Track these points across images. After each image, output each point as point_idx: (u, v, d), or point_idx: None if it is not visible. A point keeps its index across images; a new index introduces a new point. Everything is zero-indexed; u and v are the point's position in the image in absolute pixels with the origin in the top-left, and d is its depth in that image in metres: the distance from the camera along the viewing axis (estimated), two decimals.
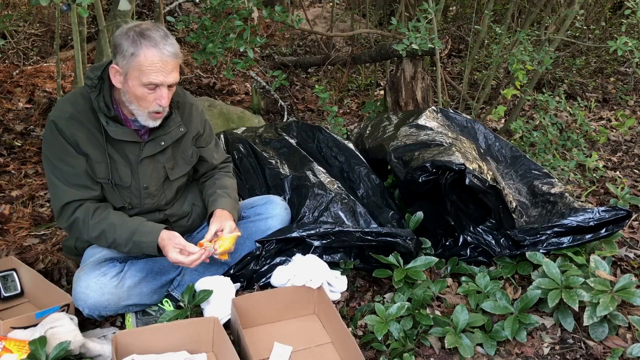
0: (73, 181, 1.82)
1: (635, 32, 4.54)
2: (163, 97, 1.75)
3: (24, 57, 4.52)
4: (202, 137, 2.07)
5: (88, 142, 1.81)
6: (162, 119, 1.84)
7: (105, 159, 1.83)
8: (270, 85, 3.89)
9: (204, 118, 2.08)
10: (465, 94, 4.06)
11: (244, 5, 2.72)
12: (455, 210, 2.32)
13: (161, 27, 1.73)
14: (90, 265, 1.90)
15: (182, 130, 1.95)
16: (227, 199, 2.02)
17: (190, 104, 2.02)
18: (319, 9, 6.56)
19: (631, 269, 2.34)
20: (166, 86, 1.74)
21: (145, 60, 1.67)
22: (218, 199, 2.01)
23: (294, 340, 1.90)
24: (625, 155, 3.75)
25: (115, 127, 1.81)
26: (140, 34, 1.68)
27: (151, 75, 1.69)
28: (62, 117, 1.79)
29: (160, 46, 1.68)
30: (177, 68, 1.75)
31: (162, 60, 1.69)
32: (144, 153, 1.88)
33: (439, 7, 3.79)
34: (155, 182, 1.94)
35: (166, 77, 1.71)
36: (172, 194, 2.02)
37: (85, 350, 1.77)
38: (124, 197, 1.92)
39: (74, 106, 1.81)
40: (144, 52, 1.67)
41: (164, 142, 1.91)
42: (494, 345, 1.88)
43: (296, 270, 2.04)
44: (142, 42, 1.67)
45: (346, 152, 2.67)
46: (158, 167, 1.94)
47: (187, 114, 1.99)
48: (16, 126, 3.44)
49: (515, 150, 2.76)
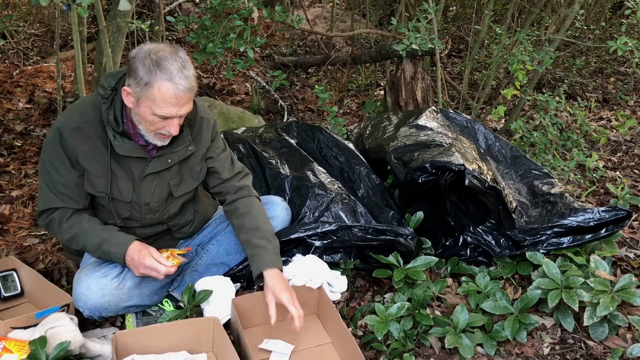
0: (59, 190, 1.81)
1: (635, 32, 4.54)
2: (173, 126, 1.71)
3: (24, 57, 4.52)
4: (211, 149, 1.99)
5: (91, 154, 1.78)
6: (170, 139, 1.80)
7: (107, 173, 1.81)
8: (270, 85, 3.89)
9: (215, 130, 2.00)
10: (465, 94, 4.06)
11: (244, 5, 2.72)
12: (455, 211, 2.32)
13: (178, 54, 1.66)
14: (91, 266, 1.90)
15: (191, 149, 1.90)
16: (267, 251, 1.90)
17: (201, 118, 1.94)
18: (319, 9, 6.56)
19: (631, 269, 2.34)
20: (178, 117, 1.71)
21: (159, 93, 1.63)
22: (261, 256, 1.89)
23: (294, 341, 1.90)
24: (625, 155, 3.75)
25: (122, 143, 1.77)
26: (156, 64, 1.62)
27: (164, 109, 1.65)
28: (68, 126, 1.76)
29: (175, 80, 1.62)
30: (191, 100, 1.72)
31: (176, 95, 1.64)
32: (149, 169, 1.84)
33: (439, 7, 3.79)
34: (158, 198, 1.91)
35: (179, 110, 1.68)
36: (176, 208, 1.99)
37: (86, 350, 1.77)
38: (123, 211, 1.89)
39: (82, 116, 1.77)
40: (159, 84, 1.62)
41: (170, 160, 1.87)
42: (494, 345, 1.88)
43: (296, 271, 2.04)
44: (157, 73, 1.61)
45: (346, 152, 2.67)
46: (162, 184, 1.90)
47: (197, 130, 1.93)
48: (16, 126, 3.44)
49: (515, 150, 2.76)
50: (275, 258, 1.91)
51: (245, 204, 2.01)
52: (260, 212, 2.02)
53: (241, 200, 2.02)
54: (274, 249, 1.93)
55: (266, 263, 1.87)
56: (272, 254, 1.91)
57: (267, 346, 1.87)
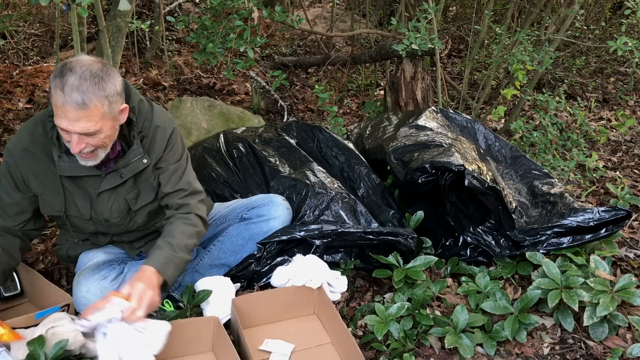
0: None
1: (635, 32, 4.54)
2: (73, 143, 1.59)
3: (24, 57, 4.52)
4: (162, 158, 1.86)
5: (42, 175, 1.74)
6: (95, 160, 1.69)
7: (60, 191, 1.77)
8: (270, 85, 3.89)
9: (171, 140, 1.86)
10: (465, 94, 4.06)
11: (244, 5, 2.72)
12: (455, 211, 2.32)
13: (94, 69, 1.54)
14: (90, 269, 1.90)
15: (144, 162, 1.80)
16: (162, 252, 1.75)
17: (156, 127, 1.83)
18: (319, 9, 6.55)
19: (631, 269, 2.34)
20: (76, 133, 1.57)
21: (53, 101, 1.54)
22: (153, 253, 1.75)
23: (294, 341, 1.90)
24: (625, 155, 3.75)
25: (68, 163, 1.71)
26: (60, 71, 1.53)
27: (57, 118, 1.56)
28: (17, 147, 1.73)
29: (66, 91, 1.50)
30: (90, 118, 1.55)
31: (64, 107, 1.52)
32: (102, 186, 1.79)
33: (439, 7, 3.79)
34: (117, 214, 1.85)
35: (70, 125, 1.55)
36: (142, 218, 1.92)
37: (86, 350, 1.76)
38: (87, 226, 1.87)
39: (31, 136, 1.72)
40: (53, 91, 1.53)
41: (123, 175, 1.79)
42: (494, 345, 1.88)
43: (296, 271, 2.04)
44: (55, 79, 1.53)
45: (346, 151, 2.67)
46: (119, 200, 1.84)
47: (151, 140, 1.82)
48: (16, 126, 3.44)
49: (515, 151, 2.76)
50: (162, 260, 1.72)
51: (178, 217, 1.86)
52: (187, 227, 1.84)
53: (177, 216, 1.87)
54: (170, 255, 1.75)
55: (150, 261, 1.72)
56: (162, 257, 1.73)
57: (268, 347, 1.87)
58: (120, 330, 1.58)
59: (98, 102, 1.55)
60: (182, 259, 1.79)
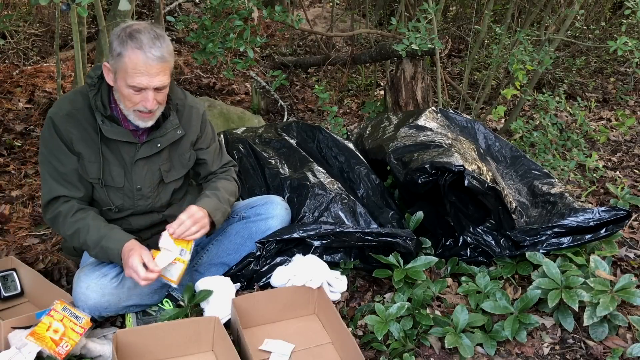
0: (62, 178, 1.83)
1: (635, 32, 4.54)
2: (148, 100, 1.73)
3: (24, 57, 4.52)
4: (200, 139, 2.04)
5: (83, 140, 1.82)
6: (153, 120, 1.82)
7: (98, 158, 1.84)
8: (270, 85, 3.89)
9: (204, 120, 2.05)
10: (465, 94, 4.06)
11: (244, 5, 2.72)
12: (455, 211, 2.32)
13: (154, 29, 1.71)
14: (91, 266, 1.90)
15: (179, 133, 1.94)
16: (210, 200, 1.93)
17: (190, 107, 2.00)
18: (319, 9, 6.55)
19: (631, 269, 2.34)
20: (152, 89, 1.72)
21: (130, 62, 1.67)
22: (202, 199, 1.93)
23: (294, 341, 1.90)
24: (625, 155, 3.75)
25: (110, 127, 1.82)
26: (129, 35, 1.68)
27: (135, 78, 1.69)
28: (59, 114, 1.81)
29: (145, 49, 1.67)
30: (165, 71, 1.73)
31: (146, 64, 1.67)
32: (139, 154, 1.88)
33: (439, 7, 3.79)
34: (150, 183, 1.94)
35: (150, 80, 1.70)
36: (167, 196, 2.01)
37: (86, 350, 1.77)
38: (116, 198, 1.91)
39: (72, 104, 1.83)
40: (129, 54, 1.67)
41: (160, 144, 1.90)
42: (494, 345, 1.88)
43: (296, 271, 2.04)
44: (128, 43, 1.67)
45: (346, 152, 2.67)
46: (153, 169, 1.93)
47: (186, 117, 1.98)
48: (16, 126, 3.44)
49: (515, 151, 2.76)
50: (213, 208, 1.90)
51: (219, 179, 2.07)
52: (228, 186, 2.05)
53: (218, 175, 2.10)
54: (218, 203, 1.93)
55: (203, 204, 1.89)
56: (213, 204, 1.91)
57: (268, 347, 1.87)
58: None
59: (170, 56, 1.73)
60: (227, 210, 1.99)
